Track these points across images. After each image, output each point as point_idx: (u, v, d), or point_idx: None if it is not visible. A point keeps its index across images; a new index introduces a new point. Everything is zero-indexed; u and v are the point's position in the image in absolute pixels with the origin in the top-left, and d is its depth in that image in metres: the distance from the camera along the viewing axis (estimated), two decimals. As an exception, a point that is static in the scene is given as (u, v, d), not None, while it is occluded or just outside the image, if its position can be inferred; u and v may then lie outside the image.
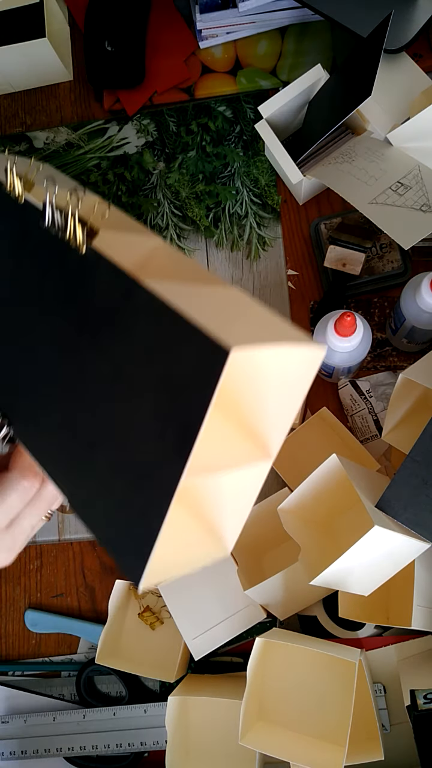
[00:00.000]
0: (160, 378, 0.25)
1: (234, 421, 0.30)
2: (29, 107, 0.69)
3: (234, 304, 0.28)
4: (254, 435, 0.30)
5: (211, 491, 0.31)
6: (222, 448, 0.28)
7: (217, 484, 0.30)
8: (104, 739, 0.51)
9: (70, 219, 0.30)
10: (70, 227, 0.30)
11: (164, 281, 0.27)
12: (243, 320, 0.26)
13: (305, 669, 0.47)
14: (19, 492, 0.31)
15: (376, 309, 0.56)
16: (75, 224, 0.29)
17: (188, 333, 0.23)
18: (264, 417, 0.29)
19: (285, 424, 0.29)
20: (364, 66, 0.51)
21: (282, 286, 0.59)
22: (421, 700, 0.43)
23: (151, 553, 0.26)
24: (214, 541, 0.31)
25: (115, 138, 0.66)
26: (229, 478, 0.29)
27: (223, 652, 0.53)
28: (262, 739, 0.45)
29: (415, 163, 0.51)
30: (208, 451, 0.26)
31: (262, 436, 0.30)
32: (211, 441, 0.25)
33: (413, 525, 0.40)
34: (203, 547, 0.31)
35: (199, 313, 0.24)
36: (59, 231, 0.31)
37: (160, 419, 0.25)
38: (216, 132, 0.64)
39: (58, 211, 0.31)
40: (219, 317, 0.25)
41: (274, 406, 0.29)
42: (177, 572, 0.29)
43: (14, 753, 0.52)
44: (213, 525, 0.32)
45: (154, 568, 0.27)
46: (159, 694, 0.54)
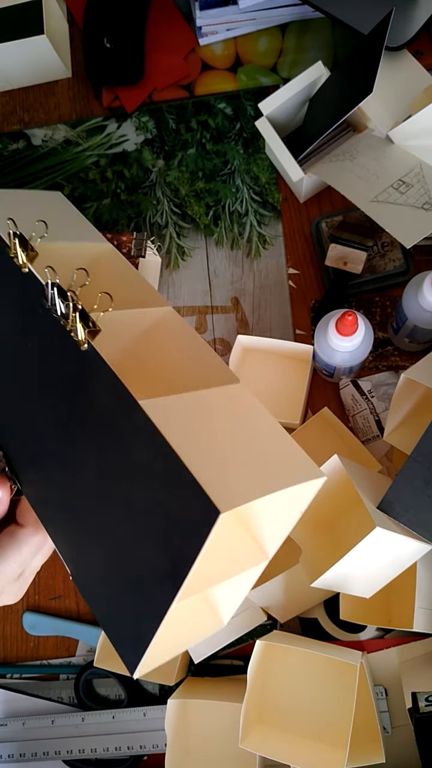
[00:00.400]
0: (155, 504, 0.26)
1: (233, 533, 0.31)
2: (27, 104, 0.69)
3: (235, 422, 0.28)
4: (252, 545, 0.31)
5: (209, 593, 0.31)
6: (220, 561, 0.29)
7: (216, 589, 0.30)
8: (103, 742, 0.51)
9: (71, 314, 0.29)
10: (71, 320, 0.29)
11: (162, 400, 0.27)
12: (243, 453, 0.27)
13: (306, 671, 0.47)
14: (31, 546, 0.33)
15: (378, 308, 0.55)
16: (77, 322, 0.29)
17: (183, 477, 0.24)
18: (262, 529, 0.30)
19: (282, 534, 0.30)
20: (365, 63, 0.51)
21: (283, 284, 0.59)
22: (423, 703, 0.43)
23: (146, 651, 0.26)
24: (211, 620, 0.32)
25: (113, 135, 0.65)
26: (227, 582, 0.30)
27: (223, 655, 0.52)
28: (263, 742, 0.45)
29: (417, 161, 0.51)
30: (203, 571, 0.26)
31: (261, 542, 0.31)
32: (207, 560, 0.26)
33: (415, 526, 0.40)
34: (200, 628, 0.32)
35: (196, 457, 0.24)
36: (61, 318, 0.30)
37: (154, 541, 0.26)
38: (216, 129, 0.63)
39: (61, 299, 0.30)
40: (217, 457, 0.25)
41: (272, 522, 0.30)
42: (172, 654, 0.30)
43: (12, 756, 0.52)
44: (212, 608, 0.32)
45: (149, 659, 0.27)
46: (158, 697, 0.53)
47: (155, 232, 0.62)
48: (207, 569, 0.27)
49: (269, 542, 0.30)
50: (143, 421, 0.26)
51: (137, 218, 0.63)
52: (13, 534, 0.33)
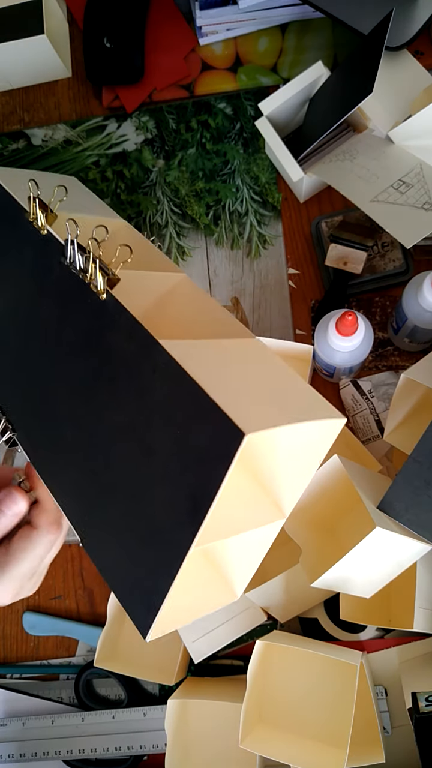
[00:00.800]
0: (175, 441, 0.26)
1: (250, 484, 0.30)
2: (27, 104, 0.69)
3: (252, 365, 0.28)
4: (270, 496, 0.30)
5: (224, 548, 0.31)
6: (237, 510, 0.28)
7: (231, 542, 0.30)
8: (103, 742, 0.51)
9: (91, 265, 0.29)
10: (91, 272, 0.29)
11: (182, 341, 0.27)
12: (261, 391, 0.26)
13: (306, 671, 0.47)
14: (45, 545, 0.35)
15: (378, 308, 0.55)
16: (96, 270, 0.29)
17: (206, 407, 0.24)
18: (280, 480, 0.30)
19: (300, 486, 0.29)
20: (365, 63, 0.51)
21: (283, 284, 0.59)
22: (423, 703, 0.43)
23: (160, 609, 0.26)
24: (224, 589, 0.32)
25: (113, 135, 0.65)
26: (244, 536, 0.29)
27: (223, 655, 0.52)
28: (263, 742, 0.44)
29: (417, 161, 0.51)
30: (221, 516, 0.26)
31: (278, 496, 0.30)
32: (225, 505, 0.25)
33: (415, 526, 0.40)
34: (213, 596, 0.31)
35: (216, 387, 0.24)
36: (80, 272, 0.30)
37: (173, 482, 0.25)
38: (216, 129, 0.63)
39: (80, 253, 0.30)
40: (237, 390, 0.25)
41: (290, 470, 0.29)
42: (185, 621, 0.29)
43: (12, 756, 0.52)
44: (224, 575, 0.32)
45: (162, 621, 0.27)
46: (158, 697, 0.53)
47: (155, 232, 0.62)
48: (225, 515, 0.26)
49: (286, 498, 0.30)
50: (164, 360, 0.26)
51: (137, 218, 0.63)
52: (28, 536, 0.34)
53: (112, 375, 0.29)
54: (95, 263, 0.29)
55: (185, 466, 0.25)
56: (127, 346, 0.28)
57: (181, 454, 0.25)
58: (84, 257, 0.30)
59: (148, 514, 0.27)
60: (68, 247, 0.31)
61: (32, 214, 0.33)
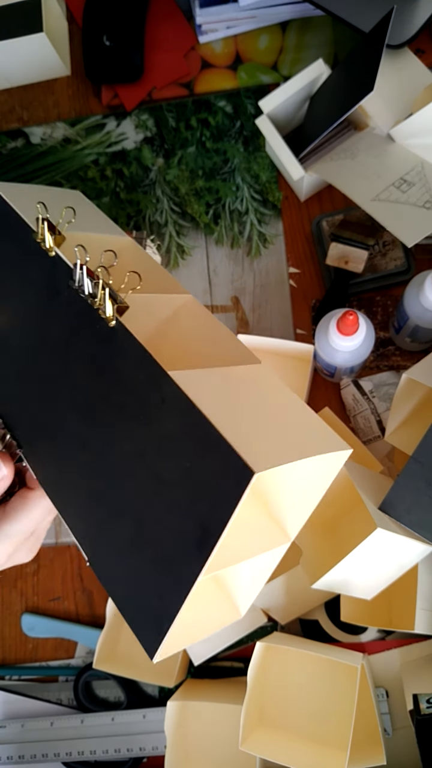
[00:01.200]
0: (184, 472, 0.26)
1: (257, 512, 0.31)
2: (26, 102, 0.68)
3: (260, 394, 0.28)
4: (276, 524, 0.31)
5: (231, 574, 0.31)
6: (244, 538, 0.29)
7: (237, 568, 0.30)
8: (102, 744, 0.50)
9: (100, 291, 0.29)
10: (100, 298, 0.30)
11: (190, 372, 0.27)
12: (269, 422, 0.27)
13: (307, 673, 0.47)
14: (42, 507, 0.35)
15: (379, 307, 0.55)
16: (105, 298, 0.29)
17: (216, 442, 0.24)
18: (285, 508, 0.31)
19: (305, 513, 0.30)
20: (366, 61, 0.50)
21: (283, 284, 0.58)
22: (424, 705, 0.43)
23: (167, 633, 0.26)
24: (228, 610, 0.32)
25: (113, 133, 0.65)
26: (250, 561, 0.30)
27: (223, 657, 0.52)
28: (263, 744, 0.44)
29: (418, 160, 0.51)
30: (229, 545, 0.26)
31: (283, 523, 0.31)
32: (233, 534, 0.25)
33: (417, 527, 0.39)
34: (218, 616, 0.32)
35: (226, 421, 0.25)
36: (89, 297, 0.31)
37: (182, 512, 0.26)
38: (216, 127, 0.63)
39: (89, 279, 0.30)
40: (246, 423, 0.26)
41: (295, 499, 0.30)
42: (191, 641, 0.30)
43: (11, 758, 0.52)
44: (230, 596, 0.32)
45: (169, 643, 0.27)
46: (158, 699, 0.53)
47: (155, 231, 0.62)
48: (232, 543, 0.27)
49: (291, 523, 0.30)
50: (172, 391, 0.26)
51: (137, 217, 0.63)
52: (24, 497, 0.35)
53: (121, 402, 0.29)
54: (104, 290, 0.29)
55: (195, 497, 0.25)
56: (135, 375, 0.28)
57: (191, 485, 0.25)
58: (93, 283, 0.30)
59: (156, 540, 0.27)
60: (77, 271, 0.31)
61: (40, 235, 0.33)
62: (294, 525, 0.30)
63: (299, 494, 0.29)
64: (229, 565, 0.27)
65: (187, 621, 0.27)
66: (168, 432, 0.26)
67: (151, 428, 0.27)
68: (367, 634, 0.49)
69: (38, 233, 0.34)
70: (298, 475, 0.28)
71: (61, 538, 0.57)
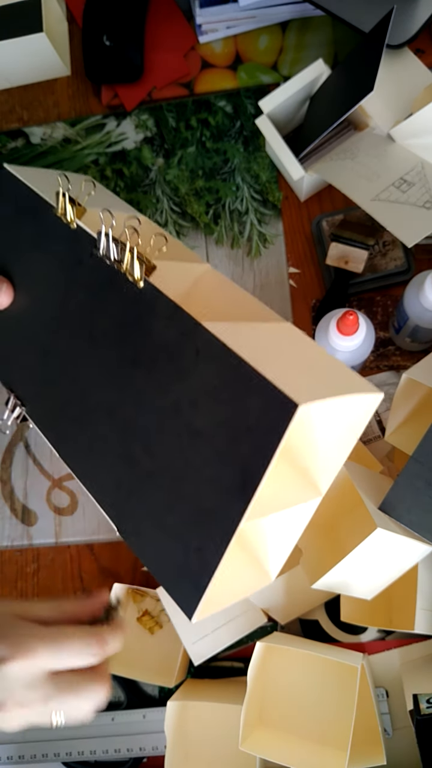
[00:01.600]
0: (222, 421, 0.26)
1: (290, 462, 0.31)
2: (26, 102, 0.68)
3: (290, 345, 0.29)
4: (308, 474, 0.31)
5: (264, 528, 0.31)
6: (278, 488, 0.29)
7: (269, 522, 0.30)
8: (102, 744, 0.50)
9: (127, 254, 0.30)
10: (127, 261, 0.30)
11: (223, 323, 0.27)
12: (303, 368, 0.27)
13: (307, 673, 0.47)
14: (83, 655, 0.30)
15: (379, 307, 0.55)
16: (133, 260, 0.29)
17: (255, 383, 0.24)
18: (318, 458, 0.30)
19: (337, 464, 0.30)
20: (366, 62, 0.50)
21: (283, 284, 0.58)
22: (424, 705, 0.43)
23: (207, 588, 0.26)
24: (261, 571, 0.32)
25: (113, 133, 0.65)
26: (282, 514, 0.30)
27: (223, 657, 0.52)
28: (263, 744, 0.44)
29: (418, 160, 0.51)
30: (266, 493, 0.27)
31: (315, 475, 0.30)
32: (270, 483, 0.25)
33: (417, 527, 0.39)
34: (250, 579, 0.32)
35: (263, 363, 0.25)
36: (115, 263, 0.31)
37: (220, 461, 0.26)
38: (216, 127, 0.63)
39: (114, 243, 0.31)
40: (282, 366, 0.26)
41: (328, 448, 0.30)
42: (225, 604, 0.29)
43: (11, 758, 0.52)
44: (262, 557, 0.32)
45: (207, 601, 0.27)
46: (158, 699, 0.53)
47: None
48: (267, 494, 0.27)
49: (323, 476, 0.30)
50: (207, 340, 0.26)
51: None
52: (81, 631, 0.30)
53: (152, 361, 0.29)
54: (132, 252, 0.29)
55: (234, 443, 0.25)
56: (167, 330, 0.28)
57: (230, 431, 0.25)
58: (119, 248, 0.30)
59: (194, 494, 0.27)
60: (102, 238, 0.31)
61: (61, 208, 0.34)
62: (325, 479, 0.30)
63: (330, 444, 0.29)
64: (266, 513, 0.27)
65: (223, 580, 0.27)
66: (204, 382, 0.26)
67: (185, 381, 0.27)
68: (367, 634, 0.49)
69: (58, 208, 0.34)
70: (331, 420, 0.28)
71: (61, 538, 0.57)
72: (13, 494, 0.59)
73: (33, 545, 0.58)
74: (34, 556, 0.58)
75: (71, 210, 0.33)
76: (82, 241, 0.33)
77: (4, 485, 0.60)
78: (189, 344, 0.27)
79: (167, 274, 0.31)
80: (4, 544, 0.58)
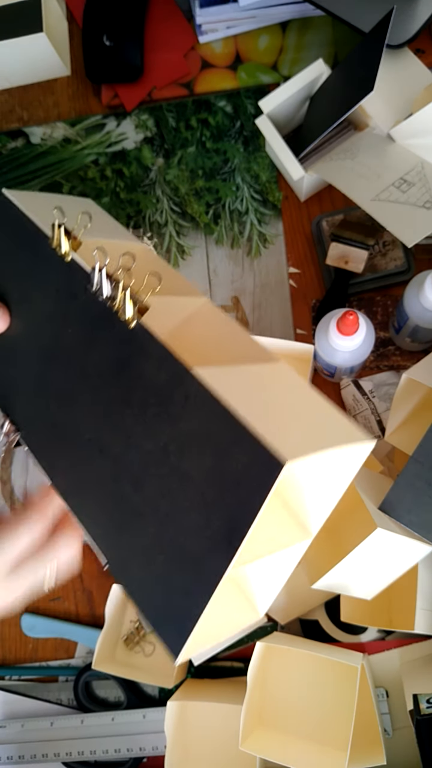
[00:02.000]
0: (209, 470, 0.26)
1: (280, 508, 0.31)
2: (26, 102, 0.68)
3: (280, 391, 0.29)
4: (298, 518, 0.31)
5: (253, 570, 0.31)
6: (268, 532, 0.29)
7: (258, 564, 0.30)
8: (102, 744, 0.50)
9: (120, 293, 0.29)
10: (119, 300, 0.30)
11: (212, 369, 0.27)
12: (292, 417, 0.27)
13: (307, 673, 0.47)
14: (33, 533, 0.31)
15: (379, 307, 0.55)
16: (125, 299, 0.29)
17: (242, 436, 0.24)
18: (308, 504, 0.31)
19: (327, 508, 0.30)
20: (366, 62, 0.50)
21: (283, 284, 0.58)
22: (424, 705, 0.43)
23: (192, 631, 0.26)
24: (249, 609, 0.32)
25: (113, 133, 0.65)
26: (271, 557, 0.30)
27: (223, 657, 0.52)
28: (263, 744, 0.44)
29: (418, 160, 0.51)
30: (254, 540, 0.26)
31: (305, 518, 0.31)
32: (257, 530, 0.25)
33: (417, 527, 0.39)
34: (238, 618, 0.32)
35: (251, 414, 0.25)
36: (108, 300, 0.31)
37: (207, 510, 0.26)
38: (216, 127, 0.63)
39: (108, 280, 0.30)
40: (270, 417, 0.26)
41: (318, 494, 0.30)
42: (211, 642, 0.29)
43: (11, 758, 0.52)
44: (250, 596, 0.32)
45: (193, 643, 0.27)
46: (158, 699, 0.53)
47: (155, 231, 0.62)
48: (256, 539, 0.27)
49: (313, 520, 0.30)
50: (196, 388, 0.26)
51: (136, 217, 0.63)
52: (17, 515, 0.30)
53: (142, 403, 0.29)
54: (125, 292, 0.29)
55: (222, 492, 0.25)
56: (157, 374, 0.28)
57: (218, 480, 0.25)
58: (112, 285, 0.30)
59: (181, 539, 0.27)
60: (95, 274, 0.31)
61: (56, 240, 0.33)
62: (316, 521, 0.30)
63: (321, 489, 0.29)
64: (253, 560, 0.27)
65: (210, 621, 0.27)
66: (192, 429, 0.26)
67: (174, 426, 0.27)
68: (367, 634, 0.49)
69: (53, 239, 0.34)
70: (321, 468, 0.28)
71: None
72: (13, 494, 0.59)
73: (33, 545, 0.58)
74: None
75: (66, 243, 0.33)
76: (77, 274, 0.33)
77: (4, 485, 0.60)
78: (179, 390, 0.27)
79: (161, 311, 0.31)
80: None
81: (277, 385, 0.29)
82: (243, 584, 0.32)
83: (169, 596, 0.27)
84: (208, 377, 0.26)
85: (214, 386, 0.26)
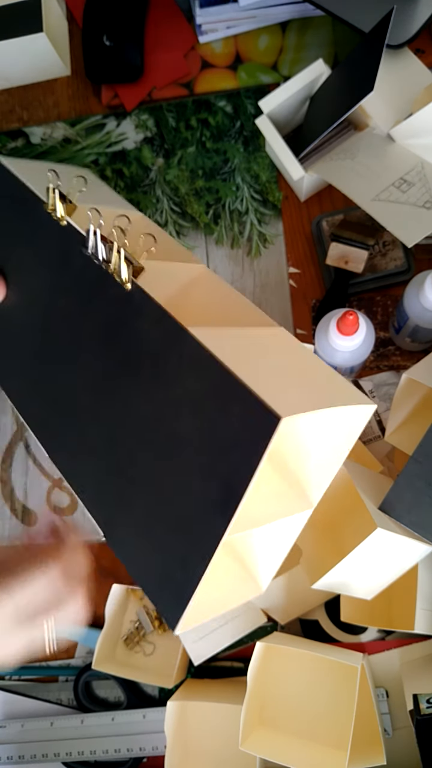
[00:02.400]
0: (204, 431, 0.25)
1: (279, 473, 0.30)
2: (26, 102, 0.68)
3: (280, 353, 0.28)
4: (298, 486, 0.30)
5: (251, 541, 0.31)
6: (267, 500, 0.28)
7: (258, 533, 0.30)
8: (102, 744, 0.50)
9: (115, 255, 0.29)
10: (114, 262, 0.29)
11: (210, 329, 0.26)
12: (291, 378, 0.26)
13: (307, 673, 0.47)
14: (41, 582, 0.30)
15: (379, 307, 0.55)
16: (120, 260, 0.29)
17: (238, 394, 0.23)
18: (308, 469, 0.29)
19: (328, 476, 0.29)
20: (366, 62, 0.50)
21: (283, 284, 0.58)
22: (424, 705, 0.43)
23: (190, 601, 0.26)
24: (250, 583, 0.31)
25: (113, 133, 0.65)
26: (272, 526, 0.29)
27: (223, 657, 0.52)
28: (263, 744, 0.44)
29: (418, 160, 0.51)
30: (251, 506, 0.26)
31: (306, 486, 0.30)
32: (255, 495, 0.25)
33: (417, 527, 0.39)
34: (239, 590, 0.31)
35: (248, 373, 0.24)
36: (103, 263, 0.30)
37: (203, 473, 0.25)
38: (216, 127, 0.63)
39: (103, 243, 0.30)
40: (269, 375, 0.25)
41: (319, 459, 0.29)
42: (212, 614, 0.29)
43: (11, 758, 0.52)
44: (251, 568, 0.32)
45: (191, 613, 0.26)
46: (158, 699, 0.53)
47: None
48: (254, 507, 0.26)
49: (313, 488, 0.29)
50: (192, 347, 0.25)
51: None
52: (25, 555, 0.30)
53: (137, 365, 0.28)
54: (120, 253, 0.29)
55: (217, 455, 0.24)
56: (153, 335, 0.28)
57: (213, 443, 0.25)
58: (107, 247, 0.30)
59: (177, 505, 0.26)
60: (90, 237, 0.30)
61: (51, 204, 0.33)
62: (316, 490, 0.29)
63: (321, 455, 0.28)
64: (252, 526, 0.26)
65: (209, 591, 0.27)
66: (188, 389, 0.26)
67: (169, 389, 0.27)
68: (367, 634, 0.49)
69: (49, 203, 0.33)
70: (320, 430, 0.27)
71: (61, 538, 0.57)
72: (13, 494, 0.59)
73: (33, 545, 0.58)
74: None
75: (61, 207, 0.33)
76: (72, 238, 0.32)
77: (4, 485, 0.60)
78: (173, 351, 0.26)
79: (158, 276, 0.31)
80: (4, 544, 0.58)
81: (277, 348, 0.29)
82: (242, 554, 0.32)
83: (167, 566, 0.27)
84: (205, 337, 0.25)
85: (210, 344, 0.25)
